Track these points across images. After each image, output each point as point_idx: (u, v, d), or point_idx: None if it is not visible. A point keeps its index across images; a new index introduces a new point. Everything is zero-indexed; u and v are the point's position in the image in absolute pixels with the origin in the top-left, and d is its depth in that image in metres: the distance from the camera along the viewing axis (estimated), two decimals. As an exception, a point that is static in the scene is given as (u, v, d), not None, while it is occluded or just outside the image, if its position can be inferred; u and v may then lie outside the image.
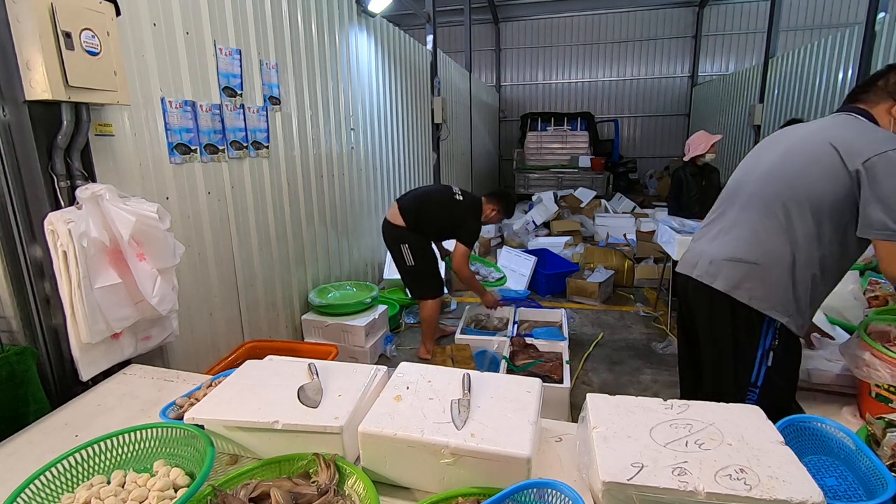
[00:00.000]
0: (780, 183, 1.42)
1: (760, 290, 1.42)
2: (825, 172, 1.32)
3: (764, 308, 1.41)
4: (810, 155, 1.38)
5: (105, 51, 1.58)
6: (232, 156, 2.57)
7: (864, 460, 1.02)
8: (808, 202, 1.35)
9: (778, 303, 1.39)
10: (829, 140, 1.34)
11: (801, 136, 1.46)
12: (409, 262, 3.21)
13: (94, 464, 1.08)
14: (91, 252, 1.48)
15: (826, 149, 1.34)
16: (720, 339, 1.54)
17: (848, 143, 1.31)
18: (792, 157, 1.43)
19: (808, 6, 10.47)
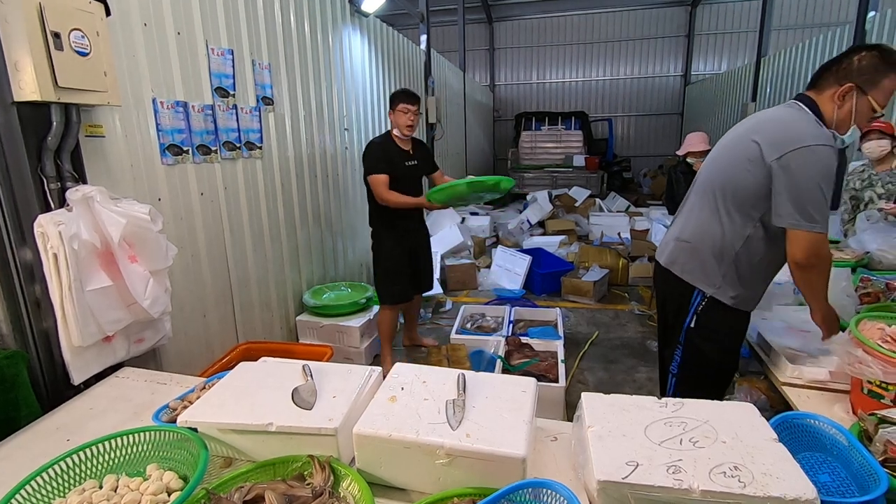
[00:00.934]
0: (716, 171, 1.59)
1: (690, 264, 1.62)
2: (747, 165, 1.45)
3: (692, 280, 1.61)
4: (739, 147, 1.51)
5: (95, 51, 1.56)
6: (225, 156, 2.55)
7: (856, 456, 1.03)
8: (733, 190, 1.50)
9: (704, 275, 1.58)
10: (753, 135, 1.46)
11: (741, 128, 1.57)
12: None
13: (85, 468, 1.07)
14: (82, 254, 1.47)
15: (750, 143, 1.46)
16: (669, 313, 1.73)
17: (770, 137, 1.42)
18: (727, 147, 1.58)
19: (800, 5, 10.55)
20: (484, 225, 6.60)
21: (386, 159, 2.80)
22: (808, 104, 1.44)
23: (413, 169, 2.95)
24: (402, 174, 2.86)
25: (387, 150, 2.83)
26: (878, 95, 1.37)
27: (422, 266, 3.18)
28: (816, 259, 1.39)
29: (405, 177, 2.89)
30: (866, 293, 1.99)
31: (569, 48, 12.35)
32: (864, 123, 1.41)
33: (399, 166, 2.85)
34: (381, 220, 2.95)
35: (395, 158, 2.84)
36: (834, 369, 1.43)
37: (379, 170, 2.78)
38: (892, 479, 0.92)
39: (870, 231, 2.53)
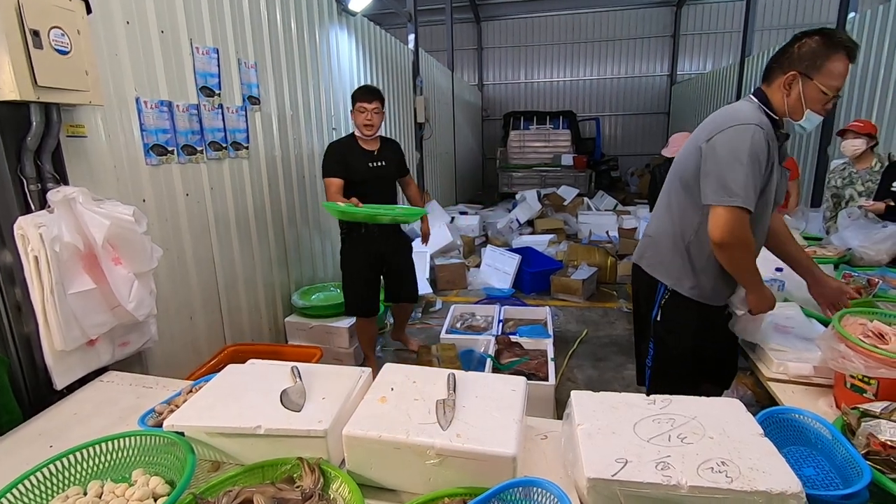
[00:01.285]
0: (673, 165, 1.65)
1: (654, 259, 1.67)
2: (691, 153, 1.52)
3: (656, 273, 1.66)
4: (691, 141, 1.56)
5: (76, 50, 1.53)
6: (211, 156, 2.52)
7: (840, 450, 1.04)
8: (682, 180, 1.56)
9: (664, 269, 1.63)
10: (701, 127, 1.53)
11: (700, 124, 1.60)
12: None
13: (69, 475, 1.05)
14: (64, 257, 1.44)
15: (698, 134, 1.53)
16: (642, 307, 1.79)
17: (708, 123, 1.50)
18: (686, 143, 1.62)
19: (783, 6, 10.71)
20: (473, 224, 6.61)
21: (341, 161, 2.63)
22: (759, 96, 1.48)
23: (379, 170, 2.75)
24: (365, 177, 2.68)
25: (345, 151, 2.67)
26: (824, 79, 1.37)
27: (394, 275, 2.97)
28: (731, 237, 1.38)
29: (369, 180, 2.70)
30: (848, 289, 2.02)
31: (556, 48, 12.41)
32: (819, 108, 1.40)
33: (359, 169, 2.67)
34: (343, 224, 2.79)
35: (355, 160, 2.67)
36: (818, 364, 1.45)
37: (331, 172, 2.63)
38: (875, 472, 0.93)
39: (851, 228, 2.58)
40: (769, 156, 1.40)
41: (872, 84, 4.65)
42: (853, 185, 3.21)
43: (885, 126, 4.39)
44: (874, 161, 3.17)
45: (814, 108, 1.41)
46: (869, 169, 3.16)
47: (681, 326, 1.63)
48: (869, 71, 4.71)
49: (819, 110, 1.41)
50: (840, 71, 1.37)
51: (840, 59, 1.36)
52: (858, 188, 3.18)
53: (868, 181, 3.14)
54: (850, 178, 3.24)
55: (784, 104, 1.43)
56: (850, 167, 3.27)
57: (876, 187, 3.04)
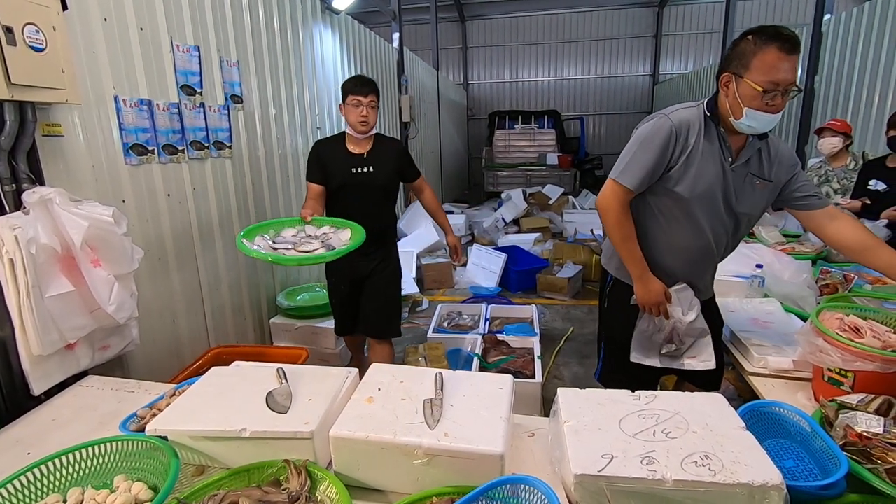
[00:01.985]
0: None
1: (606, 252, 1.78)
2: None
3: (605, 264, 1.78)
4: None
5: (51, 47, 1.49)
6: (192, 156, 2.49)
7: (818, 441, 1.07)
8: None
9: (608, 259, 1.75)
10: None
11: None
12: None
13: (48, 482, 1.03)
14: (41, 259, 1.41)
15: None
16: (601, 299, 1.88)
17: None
18: None
19: (761, 8, 10.92)
20: (459, 223, 6.62)
21: (319, 164, 2.26)
22: (712, 98, 1.50)
23: (363, 177, 2.26)
24: (343, 183, 2.24)
25: (326, 152, 2.28)
26: (755, 75, 1.35)
27: (366, 304, 2.41)
28: (603, 203, 1.55)
29: (348, 187, 2.25)
30: (826, 284, 2.08)
31: (540, 47, 12.48)
32: (759, 105, 1.36)
33: (337, 173, 2.24)
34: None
35: (336, 163, 2.25)
36: (797, 359, 1.48)
37: (309, 175, 2.29)
38: (852, 462, 0.96)
39: (828, 225, 2.63)
40: (674, 145, 1.45)
41: (847, 84, 4.77)
42: (829, 182, 3.29)
43: (860, 125, 4.50)
44: (849, 159, 3.25)
45: (752, 106, 1.37)
46: (844, 167, 3.24)
47: (623, 312, 1.67)
48: (844, 71, 4.82)
49: (760, 107, 1.36)
50: (771, 63, 1.33)
51: (769, 52, 1.32)
52: (834, 186, 3.26)
53: (843, 179, 3.22)
54: (827, 176, 3.31)
55: (726, 105, 1.43)
56: (826, 165, 3.35)
57: (851, 185, 3.12)
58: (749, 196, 1.52)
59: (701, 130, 1.46)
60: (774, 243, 2.69)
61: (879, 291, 1.98)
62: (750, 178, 1.51)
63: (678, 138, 1.45)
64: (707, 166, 1.47)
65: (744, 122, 1.40)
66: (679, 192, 1.49)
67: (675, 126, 1.45)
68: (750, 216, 1.58)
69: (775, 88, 1.33)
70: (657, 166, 1.47)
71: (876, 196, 2.71)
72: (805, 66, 5.40)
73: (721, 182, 1.49)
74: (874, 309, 1.44)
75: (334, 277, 2.44)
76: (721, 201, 1.51)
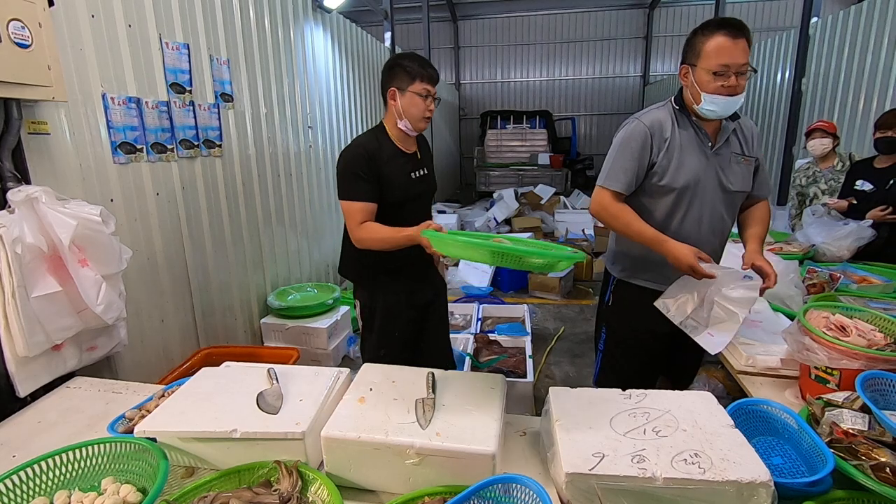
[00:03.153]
0: None
1: (608, 256, 1.84)
2: None
3: (608, 269, 1.82)
4: None
5: (37, 43, 1.47)
6: (182, 155, 2.46)
7: (805, 439, 1.08)
8: None
9: (612, 264, 1.80)
10: None
11: None
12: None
13: (34, 485, 1.01)
14: (26, 259, 1.39)
15: None
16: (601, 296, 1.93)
17: None
18: None
19: (749, 10, 11.04)
20: (451, 223, 6.62)
21: (372, 173, 1.62)
22: (677, 94, 1.61)
23: (423, 183, 1.78)
24: (407, 194, 1.70)
25: (378, 157, 1.64)
26: (705, 62, 1.46)
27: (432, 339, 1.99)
28: (596, 208, 1.63)
29: (411, 198, 1.73)
30: (812, 284, 2.10)
31: (532, 48, 12.52)
32: (716, 88, 1.46)
33: (399, 183, 1.68)
34: (369, 264, 1.77)
35: (393, 170, 1.66)
36: (784, 357, 1.50)
37: (357, 192, 1.61)
38: (838, 459, 0.97)
39: (815, 225, 2.68)
40: (651, 143, 1.55)
41: (834, 86, 4.83)
42: (817, 183, 3.34)
43: (846, 127, 4.57)
44: (836, 160, 3.30)
45: (709, 91, 1.47)
46: (832, 168, 3.29)
47: (626, 309, 1.74)
48: (831, 73, 4.89)
49: (717, 90, 1.45)
50: (718, 46, 1.44)
51: (716, 38, 1.44)
52: (822, 186, 3.30)
53: (831, 180, 3.26)
54: (815, 176, 3.36)
55: (689, 95, 1.55)
56: (814, 166, 3.39)
57: (838, 186, 3.17)
58: (738, 174, 1.61)
59: (675, 124, 1.57)
60: (762, 243, 2.71)
61: (865, 291, 2.02)
62: (734, 157, 1.61)
63: (653, 136, 1.55)
64: (688, 155, 1.56)
65: (705, 107, 1.50)
66: (667, 184, 1.56)
67: (648, 126, 1.55)
68: (743, 194, 1.66)
69: (727, 70, 1.44)
70: (639, 166, 1.56)
71: (862, 196, 2.75)
72: (792, 68, 5.47)
73: (707, 167, 1.57)
74: (859, 308, 1.46)
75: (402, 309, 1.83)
76: (715, 185, 1.58)
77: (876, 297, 1.90)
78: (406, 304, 1.83)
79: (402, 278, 1.79)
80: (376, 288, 1.81)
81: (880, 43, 4.20)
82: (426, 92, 1.66)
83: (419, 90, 1.64)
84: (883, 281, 2.10)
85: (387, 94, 1.69)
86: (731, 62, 1.43)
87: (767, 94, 6.12)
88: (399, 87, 1.65)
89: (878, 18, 4.23)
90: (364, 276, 1.82)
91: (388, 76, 1.69)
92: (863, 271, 2.22)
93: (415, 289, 1.84)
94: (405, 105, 1.66)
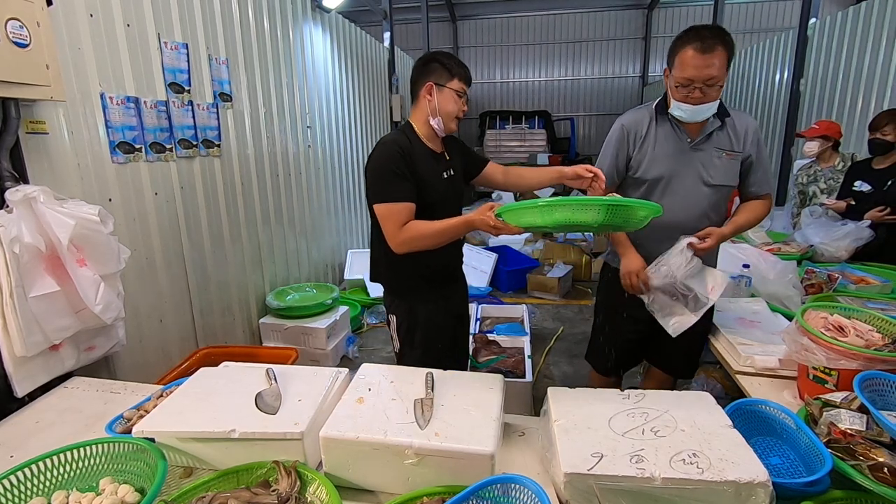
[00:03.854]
0: None
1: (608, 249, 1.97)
2: None
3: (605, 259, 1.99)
4: None
5: (35, 43, 1.47)
6: (180, 154, 2.46)
7: (803, 439, 1.08)
8: None
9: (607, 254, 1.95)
10: None
11: None
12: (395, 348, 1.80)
13: (32, 485, 1.01)
14: (24, 258, 1.38)
15: None
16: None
17: None
18: None
19: (748, 11, 11.05)
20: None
21: (410, 172, 1.52)
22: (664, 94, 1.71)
23: (452, 184, 1.70)
24: (439, 195, 1.61)
25: (412, 154, 1.55)
26: (676, 72, 1.55)
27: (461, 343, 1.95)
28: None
29: (443, 199, 1.63)
30: (811, 284, 2.11)
31: (531, 48, 12.51)
32: (681, 97, 1.56)
33: (433, 182, 1.60)
34: (407, 274, 1.66)
35: (426, 170, 1.58)
36: (783, 357, 1.50)
37: (398, 193, 1.50)
38: (836, 459, 0.97)
39: (813, 226, 2.68)
40: (627, 139, 1.72)
41: (832, 87, 4.84)
42: (817, 182, 3.34)
43: (845, 126, 4.58)
44: (837, 160, 3.30)
45: (676, 98, 1.58)
46: (832, 167, 3.30)
47: (612, 290, 1.86)
48: (829, 74, 4.90)
49: (682, 99, 1.56)
50: (686, 62, 1.50)
51: (686, 51, 1.50)
52: (821, 185, 3.31)
53: (830, 179, 3.27)
54: (815, 175, 3.37)
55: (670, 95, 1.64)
56: (815, 165, 3.40)
57: (837, 185, 3.17)
58: (719, 169, 1.67)
59: (653, 122, 1.70)
60: (761, 244, 2.72)
61: (863, 291, 2.02)
62: (717, 151, 1.67)
63: (629, 134, 1.72)
64: (663, 150, 1.68)
65: (673, 111, 1.62)
66: (640, 177, 1.71)
67: (626, 125, 1.73)
68: (727, 187, 1.71)
69: (690, 83, 1.51)
70: (618, 160, 1.74)
71: (861, 197, 2.75)
72: (791, 69, 5.47)
73: (684, 161, 1.67)
74: (857, 308, 1.46)
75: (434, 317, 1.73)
76: (694, 178, 1.67)
77: (874, 297, 1.91)
78: (445, 312, 1.75)
79: (437, 285, 1.71)
80: (416, 299, 1.71)
81: (878, 44, 4.21)
82: (463, 91, 1.61)
83: (457, 88, 1.59)
84: (881, 281, 2.11)
85: (421, 89, 1.60)
86: (695, 76, 1.49)
87: (766, 94, 6.13)
88: (437, 82, 1.58)
89: (876, 19, 4.24)
90: (403, 287, 1.70)
91: (424, 71, 1.61)
92: (861, 272, 2.23)
93: (449, 294, 1.79)
94: (441, 102, 1.58)
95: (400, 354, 1.78)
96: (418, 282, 1.68)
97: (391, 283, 1.72)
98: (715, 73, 1.48)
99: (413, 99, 1.65)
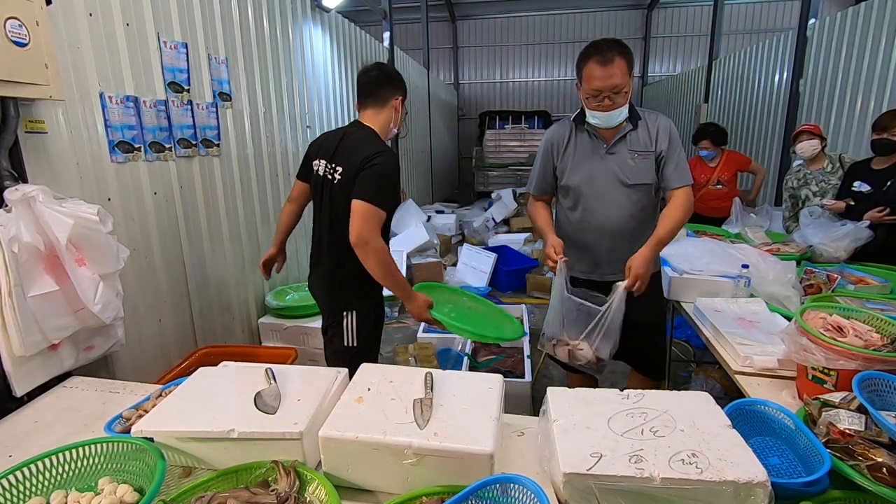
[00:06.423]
0: None
1: None
2: None
3: None
4: None
5: (35, 42, 1.47)
6: (180, 154, 2.46)
7: (802, 439, 1.09)
8: None
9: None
10: None
11: None
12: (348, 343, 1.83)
13: (31, 485, 1.01)
14: (23, 258, 1.38)
15: None
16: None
17: None
18: None
19: (748, 11, 11.06)
20: (449, 223, 6.62)
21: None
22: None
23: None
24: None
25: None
26: (584, 84, 1.73)
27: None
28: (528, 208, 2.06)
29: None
30: (810, 284, 2.11)
31: (531, 48, 12.51)
32: (593, 106, 1.74)
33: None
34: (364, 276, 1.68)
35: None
36: (782, 357, 1.50)
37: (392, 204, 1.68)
38: (835, 459, 0.97)
39: (812, 226, 2.68)
40: (550, 151, 1.91)
41: (831, 87, 4.84)
42: (808, 185, 3.34)
43: (843, 128, 4.58)
44: (826, 162, 3.30)
45: (589, 108, 1.75)
46: (822, 170, 3.30)
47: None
48: (828, 75, 4.90)
49: (594, 108, 1.73)
50: (589, 75, 1.69)
51: (589, 66, 1.68)
52: (813, 188, 3.31)
53: (821, 181, 3.27)
54: (806, 179, 3.37)
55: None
56: (804, 169, 3.40)
57: (829, 187, 3.18)
58: (635, 169, 1.80)
59: (572, 133, 1.88)
60: (760, 244, 2.72)
61: (862, 292, 2.02)
62: (630, 153, 1.81)
63: (553, 146, 1.91)
64: (582, 157, 1.85)
65: (589, 119, 1.79)
66: (565, 184, 1.89)
67: (549, 138, 1.92)
68: (646, 185, 1.82)
69: (598, 94, 1.68)
70: (545, 171, 1.94)
71: (860, 197, 2.76)
72: (790, 70, 5.47)
73: (601, 166, 1.82)
74: (856, 309, 1.47)
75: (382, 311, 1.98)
76: (612, 180, 1.81)
77: (873, 297, 1.91)
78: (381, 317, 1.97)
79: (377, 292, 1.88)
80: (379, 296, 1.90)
81: (878, 45, 4.21)
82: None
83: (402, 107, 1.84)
84: (880, 282, 2.11)
85: (392, 99, 1.76)
86: (601, 87, 1.66)
87: (765, 95, 6.13)
88: (404, 97, 1.82)
89: (876, 19, 4.24)
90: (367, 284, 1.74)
91: (398, 83, 1.79)
92: (860, 272, 2.23)
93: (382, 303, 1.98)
94: (399, 116, 1.83)
95: (362, 350, 1.84)
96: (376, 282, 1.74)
97: (363, 280, 1.72)
98: (618, 81, 1.64)
99: (377, 103, 1.76)
